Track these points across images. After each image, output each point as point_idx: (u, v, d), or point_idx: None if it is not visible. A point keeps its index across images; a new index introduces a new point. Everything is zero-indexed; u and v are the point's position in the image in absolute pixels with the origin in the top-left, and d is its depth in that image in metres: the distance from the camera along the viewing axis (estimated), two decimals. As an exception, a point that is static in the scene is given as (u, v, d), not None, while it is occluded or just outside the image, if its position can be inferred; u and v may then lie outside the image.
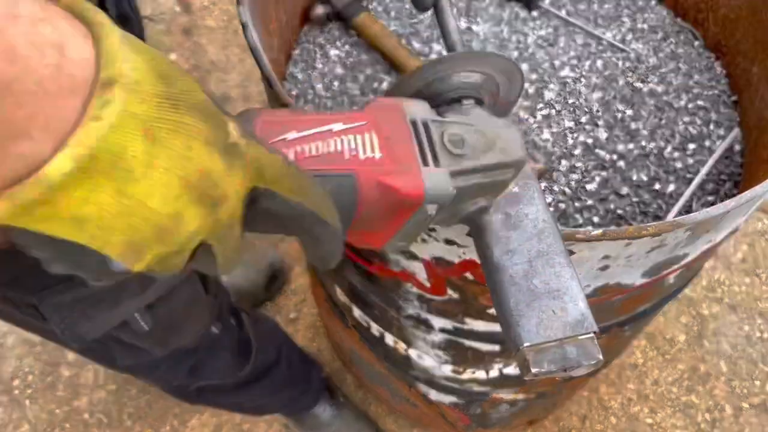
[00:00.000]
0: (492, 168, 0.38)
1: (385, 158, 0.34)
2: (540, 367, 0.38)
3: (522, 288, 0.41)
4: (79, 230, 0.23)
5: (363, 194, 0.33)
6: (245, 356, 0.96)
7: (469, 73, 0.43)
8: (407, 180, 0.33)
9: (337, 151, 0.33)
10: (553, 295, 0.40)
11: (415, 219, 0.35)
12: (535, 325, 0.39)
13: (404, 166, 0.34)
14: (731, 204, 0.48)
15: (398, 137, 0.35)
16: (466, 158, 0.37)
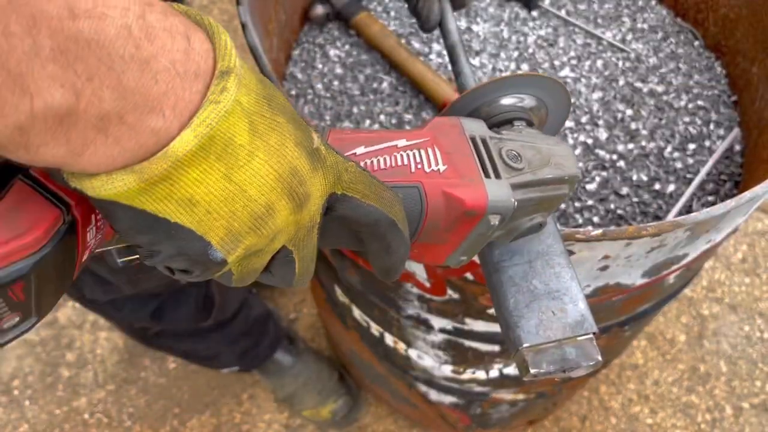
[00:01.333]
0: (549, 182, 0.39)
1: (449, 171, 0.35)
2: (539, 367, 0.38)
3: (521, 288, 0.41)
4: (190, 213, 0.25)
5: (429, 205, 0.35)
6: (208, 309, 1.00)
7: (518, 96, 0.44)
8: (471, 191, 0.34)
9: (404, 164, 0.35)
10: (553, 296, 0.41)
11: (477, 230, 0.36)
12: (534, 325, 0.39)
13: (467, 178, 0.35)
14: (731, 204, 0.48)
15: (459, 152, 0.36)
16: (524, 172, 0.38)
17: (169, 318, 0.93)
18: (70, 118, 0.21)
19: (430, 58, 0.80)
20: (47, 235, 0.25)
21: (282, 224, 0.27)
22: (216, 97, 0.24)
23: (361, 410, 1.31)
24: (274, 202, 0.26)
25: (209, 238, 0.26)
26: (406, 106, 0.76)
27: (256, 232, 0.27)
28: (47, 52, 0.19)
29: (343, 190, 0.30)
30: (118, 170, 0.23)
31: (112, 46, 0.21)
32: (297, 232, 0.29)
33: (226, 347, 1.14)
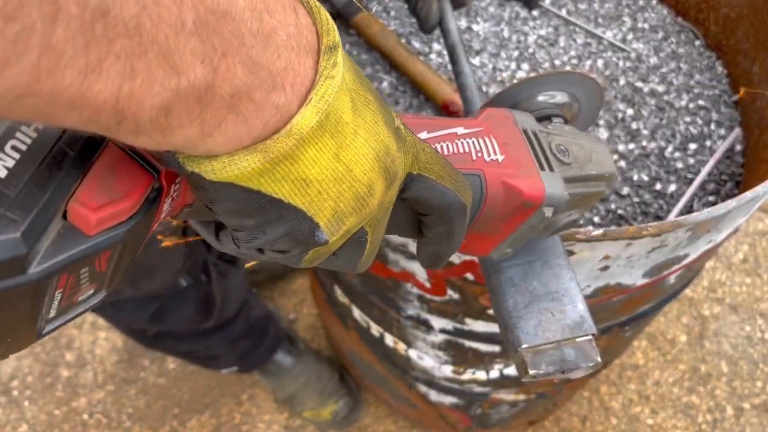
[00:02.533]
0: (593, 178, 0.39)
1: (507, 161, 0.35)
2: (538, 368, 0.38)
3: (520, 289, 0.41)
4: (304, 193, 0.24)
5: (489, 194, 0.35)
6: (208, 311, 0.98)
7: (553, 92, 0.45)
8: (529, 182, 0.35)
9: (465, 152, 0.35)
10: (552, 297, 0.41)
11: (530, 222, 0.36)
12: (533, 326, 0.39)
13: (525, 169, 0.35)
14: (732, 204, 0.48)
15: (514, 143, 0.36)
16: (573, 167, 0.38)
17: (168, 320, 0.93)
18: (207, 96, 0.20)
19: (430, 57, 0.80)
20: (140, 201, 0.23)
21: (377, 204, 0.27)
22: (330, 72, 0.23)
23: (361, 410, 1.31)
24: (374, 181, 0.26)
25: (318, 219, 0.25)
26: (406, 105, 0.76)
27: (358, 212, 0.26)
28: (190, 25, 0.18)
29: (420, 170, 0.30)
30: (240, 151, 0.22)
31: (242, 19, 0.20)
32: (377, 213, 0.28)
33: (227, 348, 1.13)
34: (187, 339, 1.05)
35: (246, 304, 1.11)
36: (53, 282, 0.21)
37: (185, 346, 1.07)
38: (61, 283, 0.22)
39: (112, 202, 0.22)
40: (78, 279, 0.23)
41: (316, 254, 0.27)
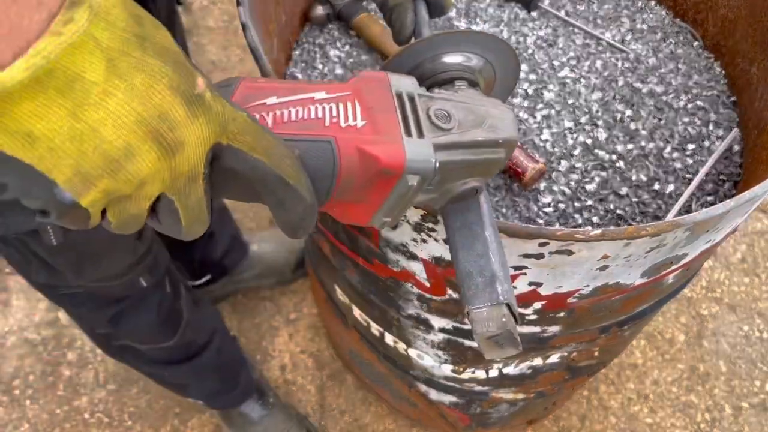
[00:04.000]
0: (480, 145, 0.37)
1: (366, 126, 0.34)
2: (479, 328, 0.39)
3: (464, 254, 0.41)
4: (29, 148, 0.24)
5: (343, 161, 0.33)
6: (173, 327, 0.97)
7: (465, 54, 0.43)
8: (388, 148, 0.33)
9: (318, 117, 0.33)
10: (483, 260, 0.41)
11: (396, 191, 0.35)
12: (473, 290, 0.40)
13: (386, 135, 0.34)
14: (731, 204, 0.48)
15: (382, 107, 0.35)
16: (452, 132, 0.36)
17: (127, 324, 0.90)
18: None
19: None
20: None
21: (148, 170, 0.26)
22: (58, 29, 0.23)
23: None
24: (134, 145, 0.25)
25: (53, 176, 0.24)
26: (406, 106, 0.76)
27: (113, 175, 0.25)
28: None
29: (229, 140, 0.29)
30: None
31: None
32: (174, 181, 0.28)
33: (195, 380, 1.11)
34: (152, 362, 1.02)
35: (216, 335, 1.09)
36: None
37: (150, 368, 1.05)
38: None
39: None
40: None
41: (119, 220, 0.27)
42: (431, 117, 0.36)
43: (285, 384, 1.35)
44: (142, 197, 0.27)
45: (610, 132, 0.74)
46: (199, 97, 0.27)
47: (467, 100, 0.39)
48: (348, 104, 0.34)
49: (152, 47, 0.26)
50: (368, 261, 0.68)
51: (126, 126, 0.25)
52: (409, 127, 0.35)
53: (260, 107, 0.33)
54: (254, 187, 0.32)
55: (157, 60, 0.26)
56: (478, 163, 0.38)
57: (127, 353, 0.99)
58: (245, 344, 1.38)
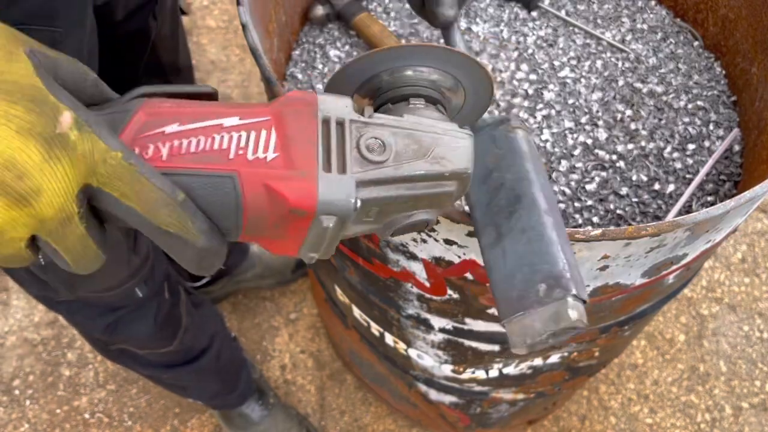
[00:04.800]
0: (420, 179, 0.34)
1: (278, 159, 0.31)
2: (520, 341, 0.38)
3: (505, 262, 0.40)
4: None
5: (248, 198, 0.30)
6: (172, 333, 0.96)
7: (426, 68, 0.39)
8: (298, 186, 0.30)
9: (221, 149, 0.30)
10: (534, 263, 0.40)
11: (313, 231, 0.31)
12: (515, 298, 0.39)
13: (299, 170, 0.30)
14: (731, 204, 0.48)
15: (301, 137, 0.31)
16: (385, 165, 0.32)
17: (124, 332, 0.90)
18: None
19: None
20: None
21: (2, 221, 0.25)
22: None
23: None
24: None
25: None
26: (407, 106, 0.76)
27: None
28: None
29: (99, 184, 0.27)
30: None
31: None
32: (42, 224, 0.26)
33: (195, 383, 1.11)
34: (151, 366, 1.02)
35: (216, 338, 1.09)
36: None
37: (149, 371, 1.04)
38: None
39: None
40: None
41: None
42: (360, 148, 0.32)
43: (285, 384, 1.35)
44: (8, 241, 0.26)
45: (611, 132, 0.74)
46: (61, 136, 0.25)
47: (413, 126, 0.34)
48: (262, 132, 0.31)
49: (4, 85, 0.24)
50: (368, 261, 0.68)
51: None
52: (329, 161, 0.31)
53: (157, 136, 0.30)
54: (139, 228, 0.30)
55: (3, 101, 0.24)
56: (421, 197, 0.34)
57: (125, 357, 0.99)
58: (245, 344, 1.38)
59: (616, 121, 0.74)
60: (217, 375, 1.13)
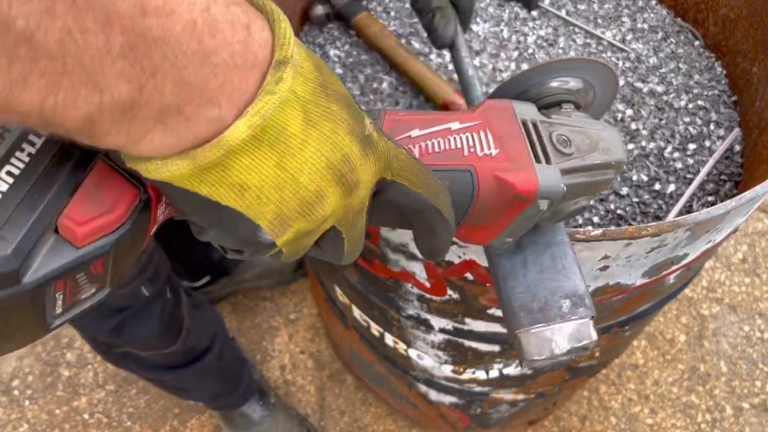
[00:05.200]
0: (596, 167, 0.39)
1: (500, 155, 0.36)
2: (531, 353, 0.40)
3: (520, 273, 0.42)
4: (240, 197, 0.26)
5: (481, 189, 0.35)
6: (174, 334, 0.97)
7: (566, 78, 0.45)
8: (522, 175, 0.35)
9: (457, 148, 0.35)
10: (551, 279, 0.42)
11: (526, 214, 0.36)
12: (529, 310, 0.41)
13: (518, 162, 0.35)
14: (731, 204, 0.48)
15: (511, 136, 0.37)
16: (574, 157, 0.38)
17: (130, 334, 0.91)
18: (132, 111, 0.22)
19: (430, 58, 0.80)
20: (127, 213, 0.26)
21: (331, 209, 0.28)
22: (271, 88, 0.24)
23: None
24: (324, 188, 0.27)
25: (258, 221, 0.26)
26: (406, 106, 0.76)
27: (306, 217, 0.27)
28: (117, 49, 0.20)
29: (393, 176, 0.31)
30: (173, 155, 0.24)
31: (177, 42, 0.21)
32: (346, 215, 0.30)
33: (196, 384, 1.11)
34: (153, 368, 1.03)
35: (217, 339, 1.09)
36: (50, 287, 0.24)
37: (152, 373, 1.05)
38: (59, 287, 0.25)
39: (98, 216, 0.25)
40: (76, 282, 0.25)
41: (290, 250, 0.29)
42: (554, 143, 0.38)
43: (285, 384, 1.35)
44: (319, 232, 0.29)
45: (611, 132, 0.73)
46: (369, 137, 0.29)
47: (580, 124, 0.40)
48: (481, 133, 0.36)
49: (333, 94, 0.27)
50: (368, 261, 0.68)
51: (318, 172, 0.27)
52: (537, 154, 0.36)
53: (406, 140, 0.35)
54: (407, 216, 0.34)
55: (337, 106, 0.27)
56: (593, 184, 0.40)
57: (128, 360, 0.99)
58: (245, 344, 1.38)
59: (617, 121, 0.74)
60: (219, 375, 1.13)
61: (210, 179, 0.25)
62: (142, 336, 0.92)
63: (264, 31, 0.25)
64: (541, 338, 0.40)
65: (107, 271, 0.27)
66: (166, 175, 0.24)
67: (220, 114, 0.24)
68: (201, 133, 0.24)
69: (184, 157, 0.24)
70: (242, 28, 0.24)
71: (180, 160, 0.24)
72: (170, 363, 1.02)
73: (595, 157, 0.39)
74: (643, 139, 0.73)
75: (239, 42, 0.24)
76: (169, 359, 1.01)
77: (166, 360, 1.01)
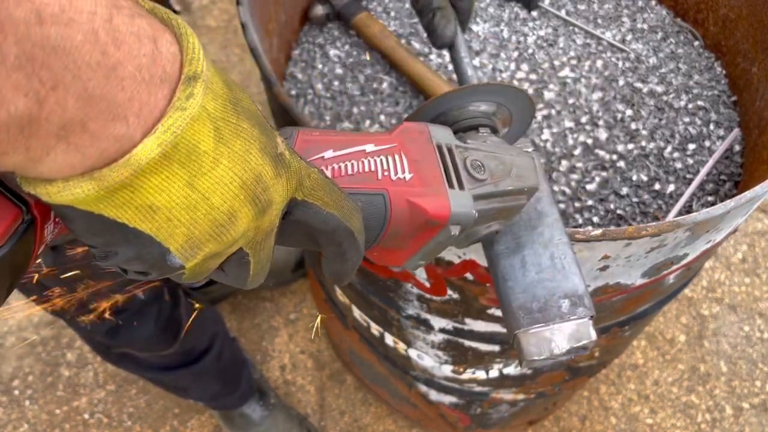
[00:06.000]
0: (509, 193, 0.40)
1: (414, 179, 0.35)
2: (531, 353, 0.40)
3: (519, 274, 0.43)
4: (150, 219, 0.24)
5: (393, 213, 0.35)
6: (173, 335, 0.96)
7: (484, 103, 0.45)
8: (435, 201, 0.35)
9: (371, 171, 0.35)
10: (550, 280, 0.42)
11: (437, 238, 0.36)
12: (528, 311, 0.41)
13: (432, 188, 0.35)
14: (731, 204, 0.48)
15: (425, 160, 0.37)
16: (486, 183, 0.38)
17: (126, 337, 0.90)
18: (31, 127, 0.20)
19: (430, 58, 0.80)
20: (6, 235, 0.24)
21: (243, 231, 0.27)
22: (182, 104, 0.23)
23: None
24: (236, 209, 0.26)
25: (168, 244, 0.25)
26: (406, 106, 0.76)
27: (217, 239, 0.26)
28: (12, 59, 0.19)
29: (304, 196, 0.30)
30: (76, 177, 0.22)
31: (79, 52, 0.20)
32: (255, 236, 0.28)
33: (196, 384, 1.11)
34: (152, 369, 1.02)
35: (217, 340, 1.09)
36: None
37: (150, 374, 1.05)
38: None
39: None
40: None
41: (192, 273, 0.28)
42: (468, 168, 0.38)
43: (285, 384, 1.35)
44: (226, 254, 0.28)
45: (611, 132, 0.73)
46: (281, 156, 0.28)
47: (495, 150, 0.41)
48: (396, 156, 0.36)
49: (243, 112, 0.26)
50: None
51: (231, 192, 0.25)
52: (450, 179, 0.37)
53: (319, 161, 0.35)
54: (317, 238, 0.33)
55: (248, 123, 0.26)
56: (505, 209, 0.40)
57: (126, 360, 0.99)
58: (245, 344, 1.38)
59: (617, 121, 0.74)
60: (218, 376, 1.13)
61: (116, 201, 0.23)
62: (139, 338, 0.92)
63: (172, 45, 0.24)
64: (540, 338, 0.40)
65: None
66: (69, 198, 0.22)
67: (127, 131, 0.22)
68: (107, 151, 0.22)
69: (88, 179, 0.22)
70: (149, 40, 0.23)
71: (84, 182, 0.22)
72: (169, 364, 1.02)
73: (507, 183, 0.39)
74: (642, 139, 0.73)
75: (146, 55, 0.22)
76: (167, 360, 1.01)
77: (165, 361, 1.01)
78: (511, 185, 0.40)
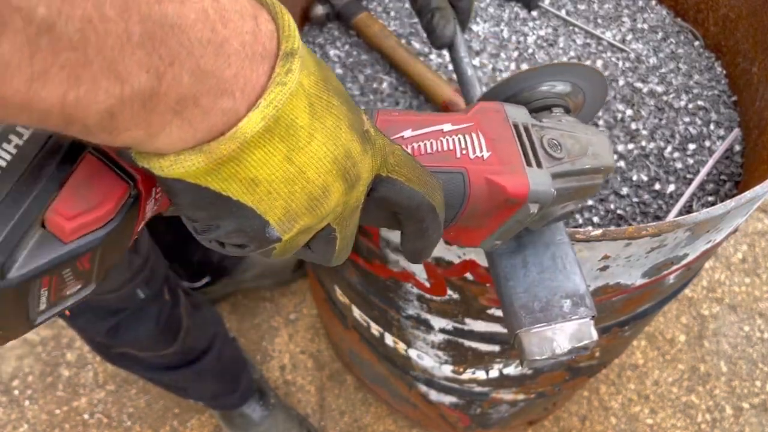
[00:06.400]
0: (586, 172, 0.39)
1: (492, 157, 0.35)
2: (532, 353, 0.40)
3: (521, 274, 0.43)
4: (252, 192, 0.25)
5: (472, 191, 0.35)
6: (173, 334, 0.97)
7: (556, 82, 0.45)
8: (514, 179, 0.35)
9: (449, 149, 0.35)
10: (551, 279, 0.42)
11: (516, 217, 0.36)
12: (530, 311, 0.41)
13: (510, 166, 0.35)
14: (731, 204, 0.48)
15: (503, 138, 0.36)
16: (564, 161, 0.38)
17: (126, 336, 0.90)
18: (152, 102, 0.21)
19: (430, 58, 0.80)
20: (116, 209, 0.25)
21: (333, 205, 0.28)
22: (282, 79, 0.24)
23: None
24: (329, 184, 0.27)
25: (268, 217, 0.26)
26: (406, 106, 0.76)
27: (312, 212, 0.27)
28: (136, 37, 0.20)
29: (388, 172, 0.31)
30: (187, 150, 0.24)
31: (192, 30, 0.21)
32: (343, 212, 0.29)
33: (196, 384, 1.11)
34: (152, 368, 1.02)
35: (217, 340, 1.09)
36: (35, 283, 0.24)
37: (150, 373, 1.05)
38: (45, 283, 0.24)
39: (87, 211, 0.24)
40: (62, 278, 0.25)
41: (283, 248, 0.28)
42: (545, 147, 0.38)
43: (285, 384, 1.35)
44: (317, 229, 0.29)
45: (611, 132, 0.73)
46: (367, 132, 0.29)
47: (570, 129, 0.40)
48: (473, 135, 0.36)
49: (333, 89, 0.27)
50: (368, 261, 0.68)
51: (324, 166, 0.26)
52: (528, 158, 0.36)
53: (399, 140, 0.35)
54: (399, 215, 0.33)
55: (337, 101, 0.27)
56: (582, 188, 0.40)
57: (126, 360, 0.99)
58: (245, 344, 1.38)
59: (617, 121, 0.74)
60: (218, 376, 1.13)
61: (223, 174, 0.24)
62: (139, 338, 0.92)
63: (269, 23, 0.25)
64: (542, 338, 0.40)
65: (93, 267, 0.26)
66: (180, 172, 0.24)
67: (234, 105, 0.23)
68: (216, 125, 0.23)
69: (198, 152, 0.23)
70: (250, 18, 0.24)
71: (194, 155, 0.23)
72: (169, 363, 1.02)
73: (584, 162, 0.39)
74: (643, 139, 0.73)
75: (248, 32, 0.23)
76: (167, 360, 1.01)
77: (165, 360, 1.01)
78: (589, 164, 0.39)
